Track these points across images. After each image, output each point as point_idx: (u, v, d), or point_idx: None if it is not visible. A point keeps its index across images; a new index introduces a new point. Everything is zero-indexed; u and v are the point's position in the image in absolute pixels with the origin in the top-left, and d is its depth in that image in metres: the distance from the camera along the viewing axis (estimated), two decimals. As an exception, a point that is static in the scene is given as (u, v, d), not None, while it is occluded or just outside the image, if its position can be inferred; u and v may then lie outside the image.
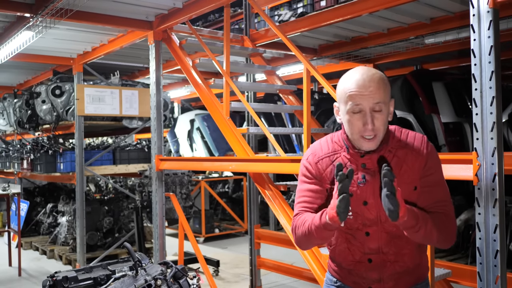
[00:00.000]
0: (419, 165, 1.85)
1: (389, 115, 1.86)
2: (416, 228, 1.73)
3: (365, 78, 1.79)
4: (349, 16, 4.48)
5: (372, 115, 1.78)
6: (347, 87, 1.82)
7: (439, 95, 6.33)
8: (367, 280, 1.96)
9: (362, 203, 1.87)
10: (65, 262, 7.19)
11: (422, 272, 2.03)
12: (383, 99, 1.79)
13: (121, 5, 4.51)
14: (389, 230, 1.89)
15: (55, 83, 6.79)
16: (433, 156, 1.89)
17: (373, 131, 1.79)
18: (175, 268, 2.65)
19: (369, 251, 1.92)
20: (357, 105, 1.78)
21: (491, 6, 2.46)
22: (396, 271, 1.93)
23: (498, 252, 2.43)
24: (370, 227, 1.90)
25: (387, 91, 1.83)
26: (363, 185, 1.86)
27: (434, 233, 1.78)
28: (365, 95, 1.77)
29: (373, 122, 1.78)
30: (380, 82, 1.80)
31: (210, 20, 7.49)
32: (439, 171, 1.90)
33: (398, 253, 1.91)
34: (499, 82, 2.46)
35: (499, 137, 2.46)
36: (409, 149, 1.87)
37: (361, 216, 1.89)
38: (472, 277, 3.69)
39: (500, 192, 2.44)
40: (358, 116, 1.80)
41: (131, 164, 7.15)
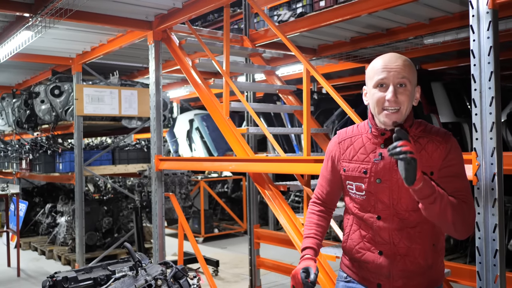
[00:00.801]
0: (439, 155, 1.87)
1: (414, 99, 1.92)
2: (432, 199, 1.71)
3: (392, 56, 1.89)
4: (348, 17, 4.48)
5: (396, 89, 1.85)
6: (375, 64, 1.91)
7: (438, 95, 6.34)
8: (377, 275, 1.96)
9: (376, 181, 1.91)
10: (64, 263, 7.19)
11: (436, 277, 1.99)
12: (409, 76, 1.86)
13: (121, 5, 4.51)
14: (402, 216, 1.90)
15: (54, 83, 6.79)
16: (455, 150, 1.90)
17: (396, 103, 1.84)
18: (175, 268, 2.66)
19: (381, 240, 1.93)
20: (383, 78, 1.86)
21: (491, 7, 2.47)
22: (407, 268, 1.91)
23: (497, 251, 2.44)
24: (382, 211, 1.92)
25: (413, 73, 1.89)
26: (378, 162, 1.91)
27: (449, 212, 1.75)
28: (392, 69, 1.85)
29: (396, 95, 1.84)
30: (406, 62, 1.89)
31: (209, 20, 7.49)
32: (461, 165, 1.90)
33: (409, 247, 1.90)
34: (498, 83, 2.47)
35: (499, 137, 2.47)
36: (430, 139, 1.90)
37: (374, 196, 1.93)
38: (471, 276, 3.70)
39: (500, 192, 2.45)
40: (383, 89, 1.87)
41: (130, 164, 7.15)
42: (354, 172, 1.99)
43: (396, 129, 1.68)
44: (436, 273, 1.98)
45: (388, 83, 1.85)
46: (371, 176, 1.93)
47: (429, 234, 1.92)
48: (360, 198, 1.98)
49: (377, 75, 1.87)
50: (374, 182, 1.92)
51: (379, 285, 1.96)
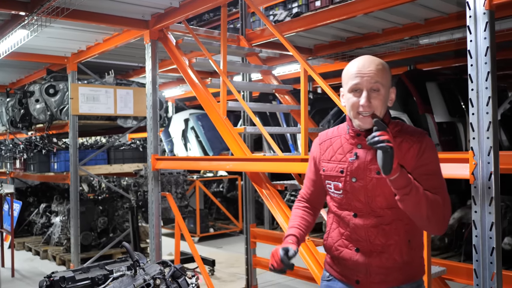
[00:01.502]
0: (413, 154, 1.92)
1: (389, 101, 1.98)
2: (407, 189, 1.76)
3: (366, 61, 1.95)
4: (344, 17, 4.51)
5: (370, 94, 1.91)
6: (349, 69, 1.97)
7: (433, 95, 6.39)
8: (354, 271, 2.02)
9: (351, 180, 1.98)
10: (59, 263, 7.16)
11: (414, 272, 2.04)
12: (381, 80, 1.91)
13: (118, 4, 4.51)
14: (377, 214, 1.96)
15: (49, 82, 6.76)
16: (430, 148, 1.95)
17: (370, 108, 1.90)
18: (174, 268, 2.66)
19: (358, 238, 1.99)
20: (356, 84, 1.92)
21: (487, 8, 2.50)
22: (383, 264, 1.96)
23: (494, 249, 2.46)
24: (358, 209, 1.99)
25: (387, 76, 1.95)
26: (353, 161, 1.98)
27: (424, 205, 1.80)
28: (365, 74, 1.91)
29: (369, 100, 1.90)
30: (380, 65, 1.94)
31: (205, 19, 7.48)
32: (436, 163, 1.95)
33: (385, 244, 1.96)
34: (495, 83, 2.49)
35: (495, 137, 2.49)
36: (405, 138, 1.96)
37: (350, 194, 2.00)
38: (466, 274, 3.73)
39: (496, 191, 2.47)
40: (357, 94, 1.93)
41: (125, 164, 7.13)
42: (332, 171, 2.06)
43: (374, 120, 1.75)
44: (413, 269, 2.03)
45: (361, 88, 1.91)
46: (347, 175, 2.00)
47: (404, 231, 1.97)
48: (338, 197, 2.05)
49: (351, 81, 1.94)
50: (350, 181, 1.99)
51: (357, 281, 2.02)
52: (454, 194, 6.85)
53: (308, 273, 4.53)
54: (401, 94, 6.67)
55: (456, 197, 6.72)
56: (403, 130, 1.99)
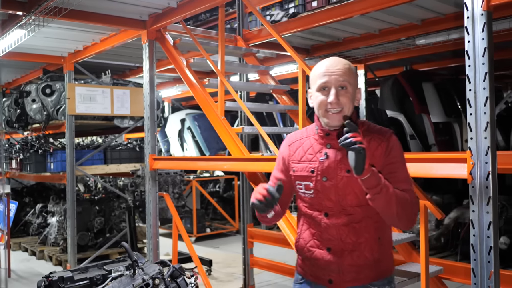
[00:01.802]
0: (381, 152, 1.99)
1: (356, 100, 2.04)
2: (378, 189, 1.82)
3: (333, 61, 2.02)
4: (341, 17, 4.52)
5: (338, 91, 1.97)
6: (317, 69, 2.03)
7: (429, 95, 6.43)
8: (327, 271, 2.04)
9: (322, 179, 2.01)
10: (55, 263, 7.15)
11: (384, 269, 2.08)
12: (349, 78, 1.99)
13: (115, 4, 4.50)
14: (348, 212, 2.00)
15: (45, 82, 6.74)
16: (396, 146, 2.02)
17: (338, 105, 1.96)
18: (173, 267, 2.67)
19: (329, 237, 2.02)
20: (325, 82, 1.98)
21: (485, 9, 2.52)
22: (354, 263, 2.00)
23: (491, 248, 2.49)
24: (329, 208, 2.02)
25: (353, 76, 2.03)
26: (324, 160, 2.02)
27: (394, 203, 1.86)
28: (332, 72, 1.97)
29: (337, 97, 1.96)
30: (346, 65, 2.01)
31: (201, 19, 7.48)
32: (402, 161, 2.04)
33: (356, 242, 1.99)
34: (492, 83, 2.52)
35: (493, 137, 2.51)
36: (373, 137, 2.02)
37: (321, 193, 2.02)
38: (463, 273, 3.76)
39: (494, 190, 2.50)
40: (325, 93, 1.99)
41: (122, 164, 7.12)
42: (303, 171, 2.08)
43: (345, 122, 1.80)
44: (384, 266, 2.07)
45: (330, 86, 1.97)
46: (318, 174, 2.03)
47: (374, 228, 2.02)
48: (308, 197, 2.07)
49: (319, 79, 1.99)
50: (321, 180, 2.02)
51: (330, 281, 2.05)
52: (450, 193, 6.90)
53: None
54: (397, 94, 6.70)
55: (453, 197, 6.76)
56: (370, 129, 2.06)
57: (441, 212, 3.25)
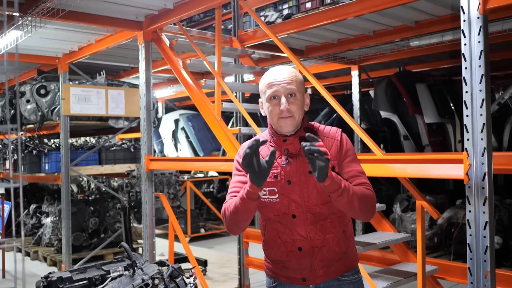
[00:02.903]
0: (335, 149, 2.08)
1: (305, 105, 2.12)
2: (339, 192, 1.89)
3: (279, 70, 2.09)
4: (336, 19, 4.56)
5: (287, 99, 2.04)
6: (265, 79, 2.10)
7: (423, 96, 6.49)
8: (300, 271, 2.10)
9: (287, 183, 2.06)
10: (50, 264, 7.12)
11: (351, 261, 2.17)
12: (297, 87, 2.06)
13: (112, 5, 4.50)
14: (314, 211, 2.05)
15: (40, 83, 6.72)
16: (348, 143, 2.13)
17: (289, 112, 2.03)
18: (172, 268, 2.69)
19: (298, 237, 2.07)
20: (274, 92, 2.04)
21: (481, 12, 2.56)
22: (324, 257, 2.07)
23: (487, 248, 2.53)
24: (296, 209, 2.06)
25: (300, 83, 2.10)
26: (285, 165, 2.06)
27: (355, 201, 1.93)
28: (280, 82, 2.04)
29: (288, 105, 2.03)
30: (293, 73, 2.09)
31: (195, 20, 7.48)
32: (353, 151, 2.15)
33: (323, 238, 2.06)
34: (488, 85, 2.56)
35: (489, 138, 2.56)
36: (326, 137, 2.11)
37: (287, 197, 2.06)
38: (458, 273, 3.81)
39: (490, 191, 2.54)
40: (276, 102, 2.05)
41: (117, 164, 7.11)
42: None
43: (307, 135, 1.83)
44: (350, 258, 2.16)
45: (279, 95, 2.04)
46: (282, 179, 2.07)
47: (339, 223, 2.10)
48: (274, 201, 2.09)
49: (269, 89, 2.06)
50: (285, 184, 2.06)
51: (303, 279, 2.10)
52: (443, 194, 6.96)
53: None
54: (391, 95, 6.76)
55: (445, 197, 6.83)
56: (320, 130, 2.14)
57: (438, 212, 3.29)
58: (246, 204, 1.99)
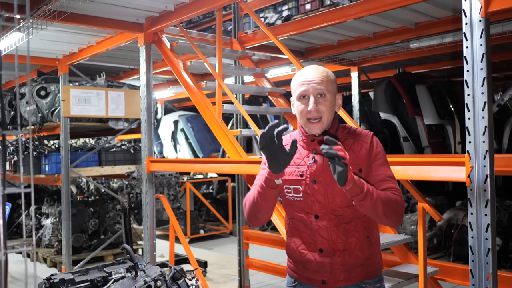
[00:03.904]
0: (365, 152, 2.05)
1: (337, 106, 2.12)
2: (362, 196, 1.87)
3: (311, 70, 2.08)
4: (336, 21, 4.57)
5: (317, 99, 2.03)
6: (296, 78, 2.10)
7: (422, 98, 6.51)
8: (320, 273, 2.07)
9: (311, 182, 2.05)
10: (50, 265, 7.13)
11: (374, 267, 2.12)
12: (327, 86, 2.04)
13: (113, 7, 4.50)
14: (337, 213, 2.04)
15: (40, 84, 6.72)
16: (378, 146, 2.09)
17: (317, 113, 2.02)
18: (174, 269, 2.69)
19: (320, 239, 2.06)
20: (304, 91, 2.04)
21: (483, 15, 2.57)
22: (346, 262, 2.04)
23: (489, 250, 2.54)
24: (319, 210, 2.05)
25: (332, 83, 2.08)
26: (312, 164, 2.06)
27: (379, 206, 1.91)
28: (311, 81, 2.03)
29: (317, 105, 2.02)
30: (324, 73, 2.07)
31: (194, 21, 7.48)
32: (385, 159, 2.10)
33: (346, 241, 2.04)
34: (490, 88, 2.57)
35: (491, 140, 2.57)
36: (356, 139, 2.09)
37: (311, 196, 2.06)
38: (458, 274, 3.82)
39: (492, 193, 2.55)
40: (305, 101, 2.04)
41: (117, 166, 7.11)
42: (291, 176, 2.11)
43: (325, 138, 1.80)
44: (373, 264, 2.12)
45: (308, 94, 2.03)
46: (307, 178, 2.06)
47: (363, 228, 2.07)
48: (298, 200, 2.10)
49: (298, 89, 2.05)
50: (310, 184, 2.06)
51: (323, 281, 2.08)
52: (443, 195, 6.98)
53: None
54: (391, 96, 6.77)
55: (445, 198, 6.84)
56: (351, 132, 2.12)
57: (439, 215, 3.30)
58: (265, 193, 2.02)
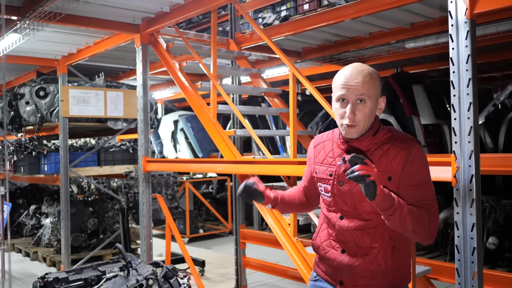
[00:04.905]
0: (399, 161, 1.93)
1: (378, 110, 2.01)
2: (391, 211, 1.79)
3: (353, 72, 1.95)
4: (332, 21, 4.59)
5: (355, 106, 1.93)
6: (338, 78, 2.00)
7: (419, 98, 6.50)
8: (339, 272, 2.06)
9: (338, 183, 2.04)
10: (49, 264, 7.18)
11: (399, 279, 2.05)
12: (368, 92, 1.93)
13: (109, 8, 4.55)
14: (363, 218, 2.00)
15: (39, 85, 6.77)
16: (418, 157, 1.95)
17: (353, 121, 1.94)
18: (166, 268, 2.72)
19: (343, 239, 2.04)
20: (343, 95, 1.95)
21: (469, 17, 2.60)
22: (367, 268, 1.98)
23: (475, 249, 2.56)
24: (345, 212, 2.04)
25: (375, 86, 1.96)
26: (341, 165, 2.04)
27: (409, 221, 1.82)
28: (351, 85, 1.93)
29: (354, 113, 1.93)
30: (367, 77, 1.94)
31: (194, 21, 7.52)
32: (425, 173, 1.96)
33: (369, 247, 1.98)
34: (475, 89, 2.59)
35: (476, 141, 2.59)
36: (393, 145, 1.97)
37: (338, 197, 2.05)
38: (451, 273, 3.83)
39: (477, 193, 2.57)
40: (344, 104, 1.96)
41: (116, 166, 7.16)
42: (323, 174, 2.12)
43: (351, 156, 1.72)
44: (398, 276, 2.04)
45: (347, 99, 1.94)
46: (335, 178, 2.06)
47: (389, 237, 1.99)
48: (327, 199, 2.11)
49: (338, 91, 1.97)
50: (337, 185, 2.05)
51: (341, 282, 2.05)
52: (440, 194, 6.98)
53: (297, 273, 4.61)
54: (388, 96, 6.76)
55: (442, 198, 6.84)
56: (393, 136, 2.01)
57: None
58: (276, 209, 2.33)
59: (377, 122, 2.03)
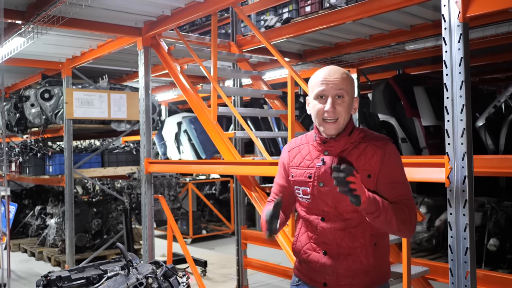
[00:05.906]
0: (376, 159, 2.01)
1: (353, 110, 2.08)
2: (377, 214, 1.86)
3: (331, 70, 2.06)
4: (333, 24, 4.63)
5: (334, 100, 2.01)
6: (315, 77, 2.08)
7: (420, 99, 6.53)
8: (322, 274, 2.08)
9: (319, 184, 2.06)
10: (54, 264, 7.26)
11: (380, 276, 2.10)
12: (346, 88, 2.02)
13: (112, 12, 4.62)
14: (344, 217, 2.04)
15: (44, 87, 6.86)
16: (393, 156, 2.04)
17: (334, 114, 2.01)
18: (166, 267, 2.78)
19: (325, 241, 2.06)
20: (322, 91, 2.02)
21: (461, 21, 2.63)
22: (350, 267, 2.03)
23: (468, 249, 2.60)
24: (326, 213, 2.07)
25: (350, 85, 2.06)
26: (320, 166, 2.07)
27: (393, 221, 1.90)
28: (330, 81, 2.02)
29: (334, 106, 2.00)
30: (344, 74, 2.05)
31: (197, 24, 7.59)
32: (400, 170, 2.06)
33: (351, 246, 2.02)
34: (468, 91, 2.63)
35: (469, 142, 2.63)
36: (369, 144, 2.05)
37: (318, 198, 2.08)
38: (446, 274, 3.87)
39: (470, 194, 2.61)
40: (323, 101, 2.03)
41: (119, 167, 7.24)
42: (301, 177, 2.14)
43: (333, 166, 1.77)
44: (379, 273, 2.10)
45: (327, 94, 2.01)
46: (315, 180, 2.07)
47: (370, 234, 2.04)
48: (306, 202, 2.13)
49: (317, 88, 2.03)
50: (318, 186, 2.06)
51: (324, 284, 2.08)
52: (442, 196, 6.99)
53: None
54: (389, 98, 6.80)
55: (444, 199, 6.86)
56: (367, 136, 2.09)
57: (422, 214, 3.36)
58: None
59: (352, 122, 2.10)
